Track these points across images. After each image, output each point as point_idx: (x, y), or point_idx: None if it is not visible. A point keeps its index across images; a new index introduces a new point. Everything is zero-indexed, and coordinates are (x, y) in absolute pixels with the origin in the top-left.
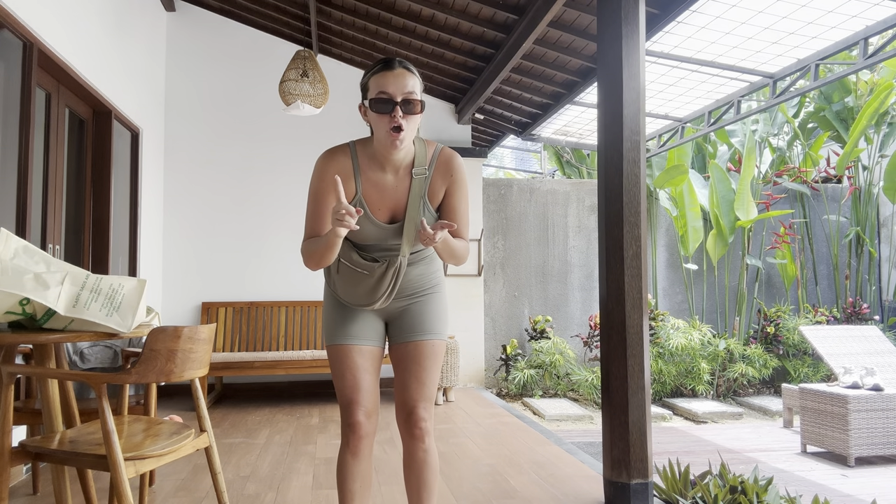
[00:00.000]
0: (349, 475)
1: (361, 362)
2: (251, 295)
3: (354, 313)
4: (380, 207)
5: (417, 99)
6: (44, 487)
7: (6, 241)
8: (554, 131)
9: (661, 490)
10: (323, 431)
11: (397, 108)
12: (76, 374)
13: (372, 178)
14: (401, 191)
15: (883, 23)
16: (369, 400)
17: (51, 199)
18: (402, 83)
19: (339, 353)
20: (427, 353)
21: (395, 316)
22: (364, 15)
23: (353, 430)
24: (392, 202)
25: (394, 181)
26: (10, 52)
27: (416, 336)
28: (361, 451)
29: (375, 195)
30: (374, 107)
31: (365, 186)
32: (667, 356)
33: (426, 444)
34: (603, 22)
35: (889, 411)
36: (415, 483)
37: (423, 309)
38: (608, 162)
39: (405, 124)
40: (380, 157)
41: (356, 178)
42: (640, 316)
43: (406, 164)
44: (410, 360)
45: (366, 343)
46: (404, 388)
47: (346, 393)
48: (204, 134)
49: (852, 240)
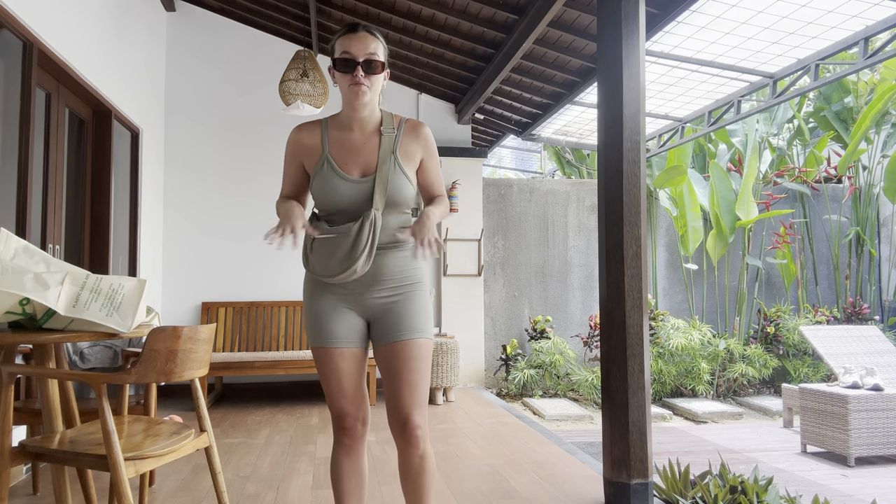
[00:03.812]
0: (344, 474)
1: (345, 367)
2: (251, 295)
3: (335, 312)
4: (347, 163)
5: (379, 60)
6: (44, 487)
7: (6, 241)
8: (554, 131)
9: (661, 490)
10: (323, 431)
11: (359, 67)
12: (76, 374)
13: (339, 137)
14: (369, 147)
15: (883, 23)
16: (357, 405)
17: (51, 199)
18: (365, 45)
19: (322, 357)
20: (414, 354)
21: (377, 314)
22: (364, 15)
23: (345, 433)
24: (361, 159)
25: (361, 138)
26: (10, 52)
27: (401, 335)
28: (355, 450)
29: (343, 153)
30: (338, 66)
31: (332, 146)
32: (667, 356)
33: (422, 451)
34: (603, 22)
35: (889, 411)
36: (412, 489)
37: (406, 307)
38: (608, 162)
39: (367, 83)
40: (346, 119)
41: (323, 139)
42: (640, 316)
43: (373, 125)
44: (398, 363)
45: (348, 345)
46: (396, 396)
47: (333, 400)
48: (204, 134)
49: (852, 240)
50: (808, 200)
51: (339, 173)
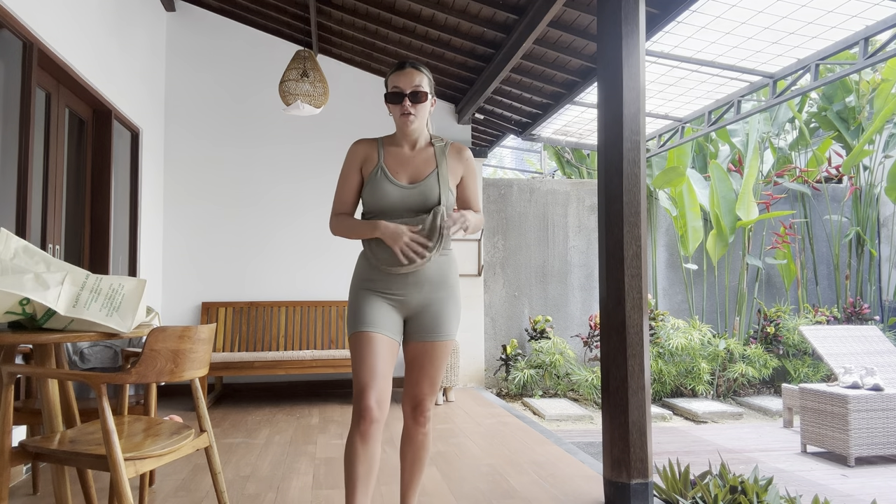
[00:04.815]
0: (357, 458)
1: (380, 350)
2: (251, 295)
3: (378, 305)
4: (398, 172)
5: (424, 91)
6: (44, 487)
7: (6, 241)
8: (554, 131)
9: (661, 490)
10: (323, 431)
11: (406, 99)
12: (76, 374)
13: (392, 151)
14: (418, 160)
15: (883, 23)
16: (381, 386)
17: (51, 199)
18: (411, 79)
19: (360, 340)
20: (441, 354)
21: (415, 312)
22: (364, 15)
23: (363, 415)
24: (410, 168)
25: (411, 153)
26: (10, 52)
27: (434, 337)
28: (371, 435)
29: (395, 163)
30: (389, 98)
31: (386, 157)
32: (667, 356)
33: (426, 429)
34: (603, 22)
35: (889, 411)
36: (411, 458)
37: (443, 310)
38: (608, 162)
39: (413, 111)
40: (399, 138)
41: (379, 152)
42: (640, 316)
43: (423, 143)
44: (426, 360)
45: (386, 333)
46: (416, 385)
47: (361, 377)
48: (204, 134)
49: (853, 240)
50: (809, 200)
51: (391, 179)
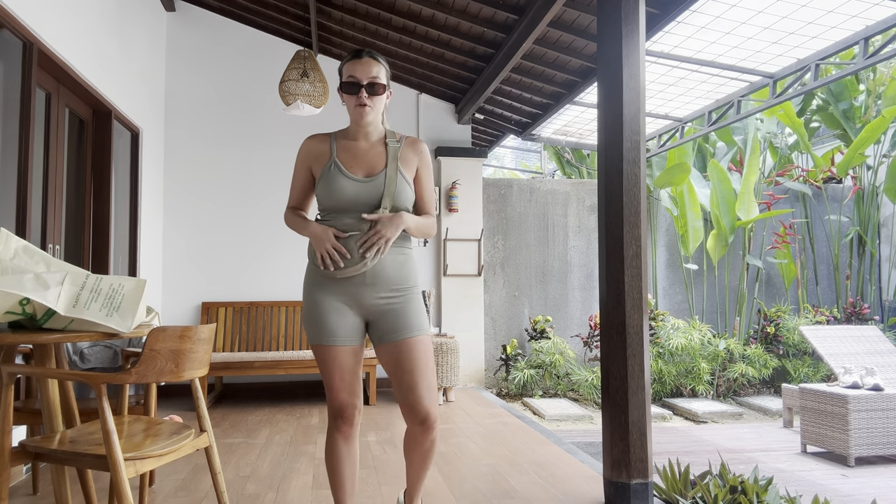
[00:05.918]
0: (343, 460)
1: (346, 362)
2: (251, 295)
3: (335, 312)
4: (352, 165)
5: (381, 83)
6: (44, 487)
7: (6, 241)
8: (554, 131)
9: (661, 490)
10: (323, 431)
11: (363, 90)
12: (76, 374)
13: (345, 145)
14: (373, 154)
15: (883, 23)
16: (356, 395)
17: (51, 199)
18: (368, 70)
19: (324, 355)
20: (421, 349)
21: (376, 315)
22: (364, 15)
23: (344, 421)
24: (365, 162)
25: (366, 146)
26: (10, 52)
27: (404, 333)
28: (352, 435)
29: (349, 157)
30: (345, 88)
31: (339, 152)
32: (667, 356)
33: (434, 434)
34: (603, 22)
35: (889, 411)
36: (419, 461)
37: (405, 308)
38: (608, 162)
39: (369, 102)
40: (353, 132)
41: (332, 146)
42: (640, 316)
43: (378, 137)
44: (407, 359)
45: (348, 342)
46: (412, 390)
47: (334, 393)
48: (204, 134)
49: (853, 240)
50: (809, 200)
51: (345, 173)
